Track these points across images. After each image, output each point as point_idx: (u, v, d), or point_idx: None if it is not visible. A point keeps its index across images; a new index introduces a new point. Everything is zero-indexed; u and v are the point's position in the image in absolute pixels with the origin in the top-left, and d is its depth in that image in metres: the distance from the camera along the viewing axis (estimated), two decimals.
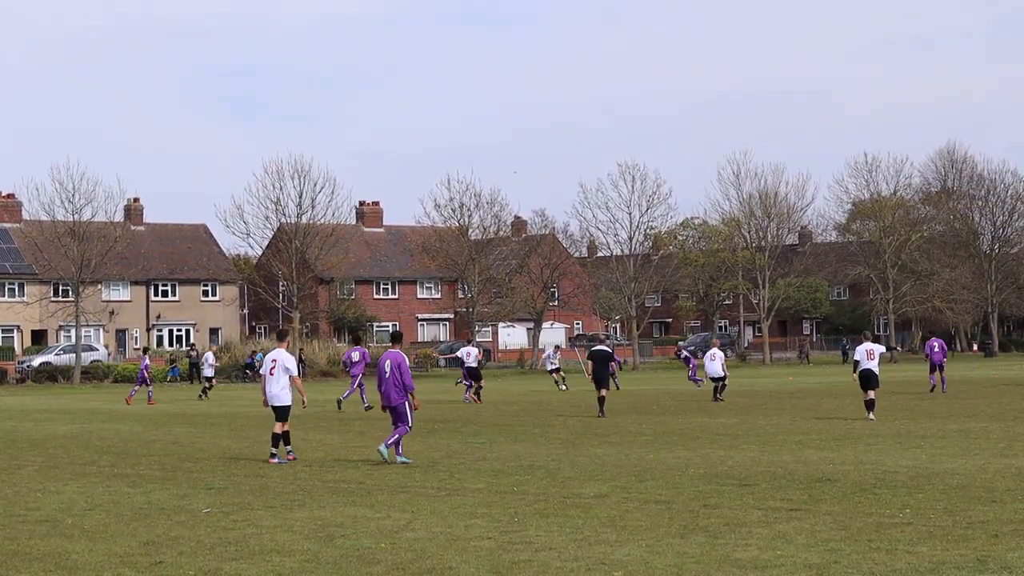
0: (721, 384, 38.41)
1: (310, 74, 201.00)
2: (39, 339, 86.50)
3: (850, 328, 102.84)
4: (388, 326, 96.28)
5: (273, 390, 20.85)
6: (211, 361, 50.45)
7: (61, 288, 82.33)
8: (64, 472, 20.08)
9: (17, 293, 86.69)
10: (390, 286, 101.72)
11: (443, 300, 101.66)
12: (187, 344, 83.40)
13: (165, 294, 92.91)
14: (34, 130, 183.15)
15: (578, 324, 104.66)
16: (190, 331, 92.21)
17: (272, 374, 20.87)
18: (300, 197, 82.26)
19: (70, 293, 78.05)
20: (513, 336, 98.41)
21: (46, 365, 73.48)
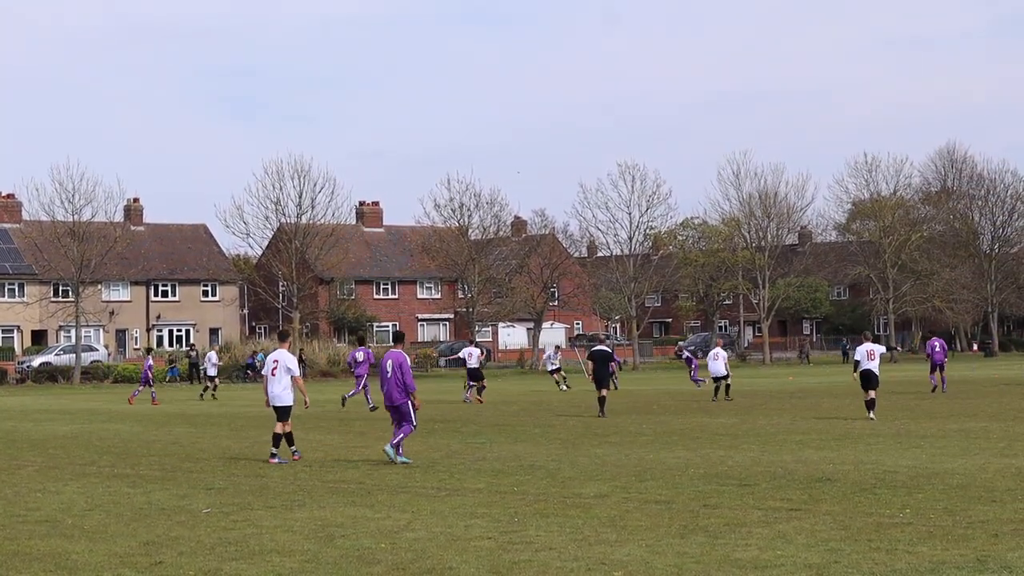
0: (725, 384, 38.70)
1: (310, 74, 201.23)
2: (39, 339, 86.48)
3: (850, 328, 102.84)
4: (388, 326, 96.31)
5: (275, 390, 20.92)
6: (214, 360, 51.00)
7: (61, 288, 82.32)
8: (64, 472, 20.08)
9: (17, 293, 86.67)
10: (390, 286, 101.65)
11: (443, 300, 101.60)
12: (187, 344, 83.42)
13: (165, 294, 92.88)
14: (34, 130, 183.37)
15: (578, 324, 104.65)
16: (190, 331, 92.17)
17: (274, 374, 20.95)
18: (300, 197, 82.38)
19: (70, 293, 78.03)
20: (513, 336, 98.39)
21: (46, 365, 73.48)
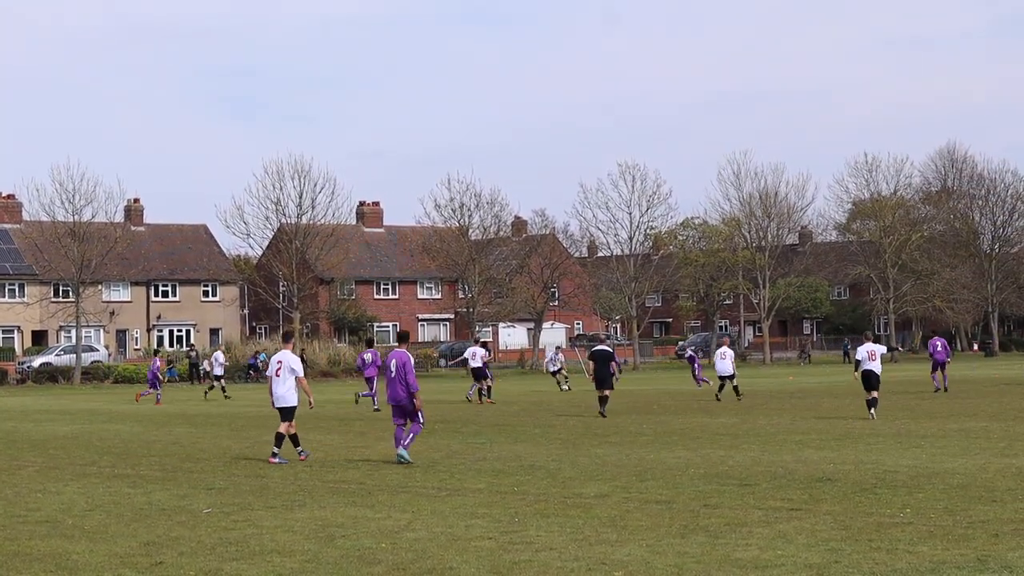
0: (732, 384, 38.74)
1: (310, 74, 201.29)
2: (39, 340, 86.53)
3: (850, 328, 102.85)
4: (388, 326, 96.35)
5: (279, 391, 20.97)
6: (221, 360, 52.14)
7: (61, 289, 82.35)
8: (64, 473, 20.08)
9: (17, 294, 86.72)
10: (390, 286, 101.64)
11: (443, 300, 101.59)
12: (187, 345, 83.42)
13: (165, 294, 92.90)
14: (34, 130, 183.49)
15: (578, 324, 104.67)
16: (190, 332, 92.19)
17: (278, 375, 21.01)
18: (300, 197, 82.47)
19: (70, 294, 78.04)
20: (513, 336, 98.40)
21: (46, 366, 73.51)
